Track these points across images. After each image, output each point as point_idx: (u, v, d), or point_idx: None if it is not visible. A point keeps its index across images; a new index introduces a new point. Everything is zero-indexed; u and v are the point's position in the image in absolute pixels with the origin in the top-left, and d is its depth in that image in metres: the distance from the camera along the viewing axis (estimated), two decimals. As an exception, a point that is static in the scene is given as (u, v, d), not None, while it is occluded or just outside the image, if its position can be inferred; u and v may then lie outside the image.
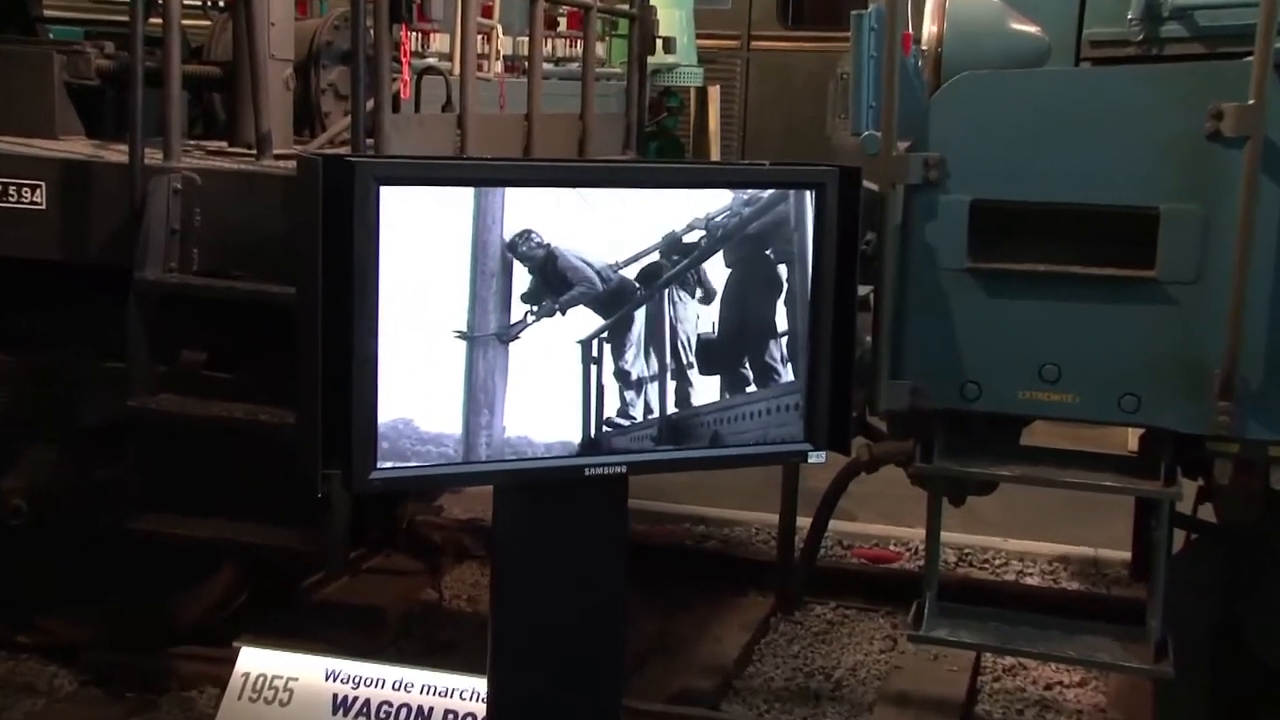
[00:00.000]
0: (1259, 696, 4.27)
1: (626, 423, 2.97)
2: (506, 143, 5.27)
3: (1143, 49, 3.88)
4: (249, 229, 4.19)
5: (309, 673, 4.04)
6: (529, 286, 2.85)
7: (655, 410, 3.00)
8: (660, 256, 2.96)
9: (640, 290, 2.95)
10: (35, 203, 4.32)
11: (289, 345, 2.83)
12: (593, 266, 2.89)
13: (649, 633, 5.38)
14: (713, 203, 2.99)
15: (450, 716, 3.90)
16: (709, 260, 3.01)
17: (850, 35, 3.65)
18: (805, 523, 5.66)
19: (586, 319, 2.91)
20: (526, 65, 5.71)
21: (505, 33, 7.47)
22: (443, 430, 2.79)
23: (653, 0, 6.92)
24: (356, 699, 3.97)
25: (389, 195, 2.68)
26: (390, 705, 3.95)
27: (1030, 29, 4.07)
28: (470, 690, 3.90)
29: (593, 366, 2.93)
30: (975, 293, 3.59)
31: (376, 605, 5.61)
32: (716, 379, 3.05)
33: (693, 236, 2.98)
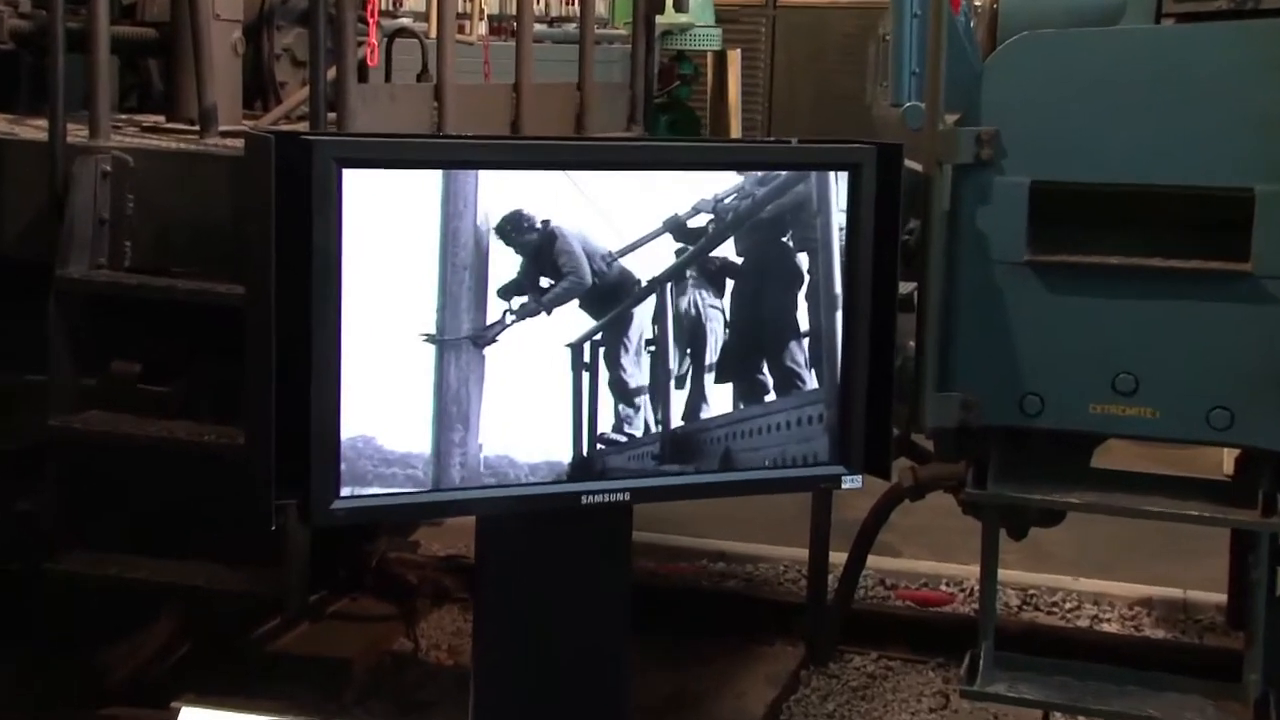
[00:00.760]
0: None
1: (624, 439, 2.99)
2: (491, 117, 5.28)
3: (1236, 3, 3.89)
4: (191, 219, 4.21)
5: (261, 736, 4.05)
6: (510, 280, 2.86)
7: (658, 424, 3.02)
8: (661, 244, 2.97)
9: (639, 284, 2.97)
10: (-65, 189, 4.34)
11: (237, 353, 2.85)
12: (586, 256, 2.91)
13: (659, 689, 5.38)
14: (721, 182, 3.01)
15: (425, 787, 3.92)
16: (718, 248, 3.02)
17: (890, -11, 3.68)
18: (840, 558, 5.67)
19: (576, 318, 2.93)
20: (515, 27, 5.73)
21: (490, -12, 7.50)
22: (409, 449, 2.81)
23: (662, -51, 6.95)
24: (316, 767, 3.99)
25: (353, 179, 2.70)
26: (356, 774, 3.97)
27: (1101, -19, 4.10)
28: (449, 757, 3.92)
29: (584, 373, 2.95)
30: (1037, 290, 3.60)
31: (341, 657, 5.61)
32: (729, 387, 3.07)
33: (699, 221, 3.00)
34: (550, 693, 3.07)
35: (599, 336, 2.96)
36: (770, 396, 3.08)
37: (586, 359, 2.96)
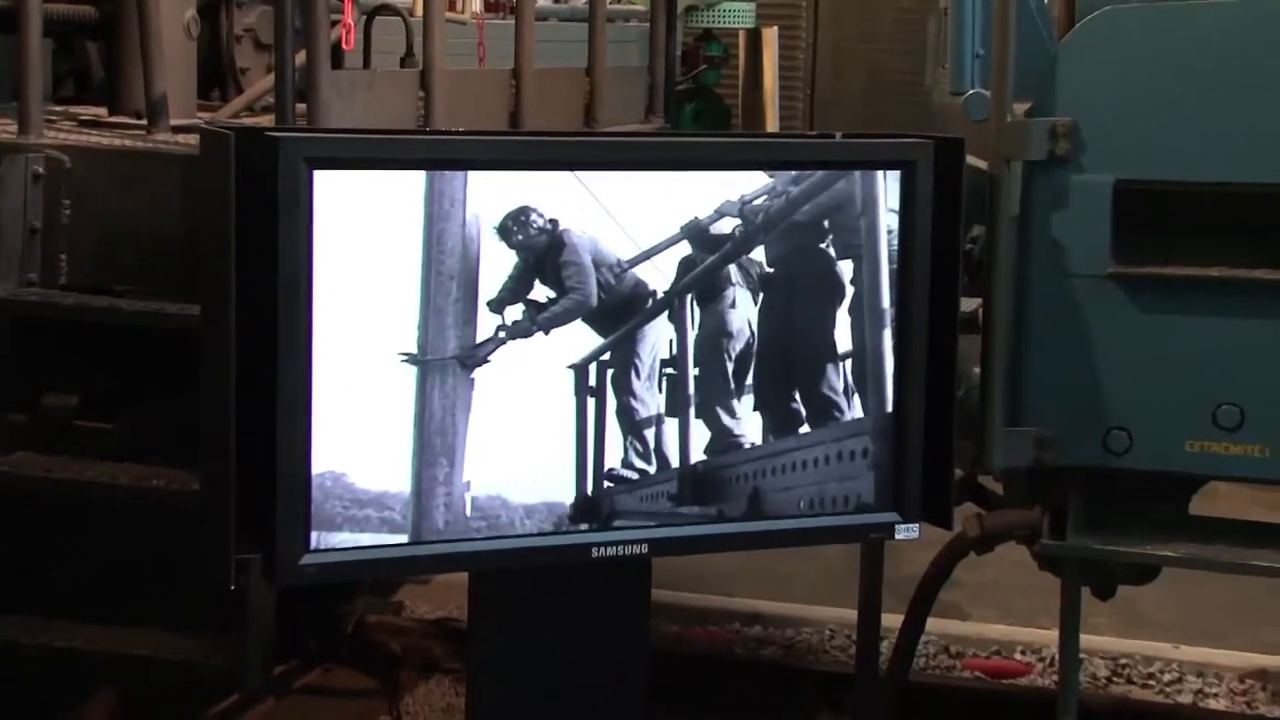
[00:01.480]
0: None
1: (635, 476, 3.00)
2: (486, 108, 5.31)
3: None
4: (137, 228, 4.23)
5: (218, 832, 4.07)
6: (504, 290, 2.87)
7: (674, 459, 3.03)
8: (679, 251, 2.99)
9: (653, 297, 2.98)
10: None
11: (191, 385, 2.87)
12: (594, 266, 2.92)
13: (684, 775, 5.39)
14: (750, 180, 3.02)
15: None
16: (745, 255, 3.04)
17: (950, -41, 3.70)
18: (895, 621, 5.66)
19: (580, 336, 2.95)
20: (514, 2, 5.76)
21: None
22: (385, 488, 2.83)
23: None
24: None
25: (325, 182, 2.72)
26: None
27: (1197, -54, 4.11)
28: None
29: (589, 400, 2.97)
30: (1123, 307, 3.61)
31: (312, 739, 5.63)
32: (756, 417, 3.08)
33: (723, 226, 3.02)
34: (555, 779, 3.09)
35: (606, 357, 2.97)
36: (804, 428, 3.09)
37: (592, 383, 2.97)
